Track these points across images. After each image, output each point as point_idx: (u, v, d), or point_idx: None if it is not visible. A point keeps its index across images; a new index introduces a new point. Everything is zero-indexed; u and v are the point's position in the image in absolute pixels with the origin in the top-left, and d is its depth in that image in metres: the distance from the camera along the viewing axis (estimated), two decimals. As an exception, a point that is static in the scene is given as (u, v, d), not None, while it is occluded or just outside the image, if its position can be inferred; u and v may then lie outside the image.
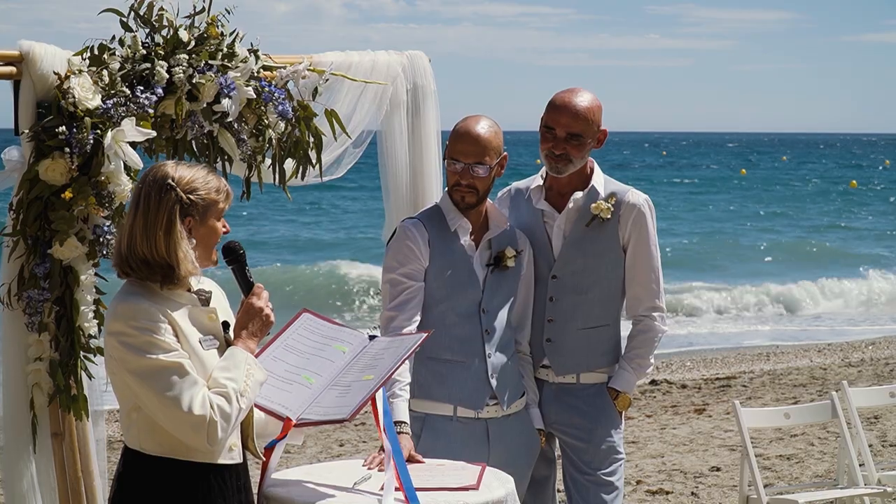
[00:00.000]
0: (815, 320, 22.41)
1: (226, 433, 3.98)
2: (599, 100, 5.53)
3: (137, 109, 5.13)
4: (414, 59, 6.09)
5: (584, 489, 5.58)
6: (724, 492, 9.62)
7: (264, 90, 5.44)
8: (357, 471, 4.63)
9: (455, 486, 4.43)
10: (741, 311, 23.23)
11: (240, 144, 5.44)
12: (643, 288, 5.63)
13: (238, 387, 4.00)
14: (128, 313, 3.96)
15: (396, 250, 5.34)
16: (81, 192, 5.06)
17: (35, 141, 5.08)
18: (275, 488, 4.41)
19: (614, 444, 5.62)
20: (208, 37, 5.35)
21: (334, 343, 4.53)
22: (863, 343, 18.38)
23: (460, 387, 5.34)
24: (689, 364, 16.70)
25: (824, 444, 11.24)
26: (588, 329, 5.60)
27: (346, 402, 4.27)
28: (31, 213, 5.09)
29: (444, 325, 5.32)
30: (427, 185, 6.09)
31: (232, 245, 4.25)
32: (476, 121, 5.32)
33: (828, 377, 14.99)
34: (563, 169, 5.49)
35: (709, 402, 13.56)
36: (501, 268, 5.43)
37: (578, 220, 5.57)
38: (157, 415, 3.96)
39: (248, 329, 4.17)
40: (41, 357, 5.21)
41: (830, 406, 7.73)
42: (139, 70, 5.19)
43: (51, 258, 5.12)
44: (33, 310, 5.14)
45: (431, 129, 6.12)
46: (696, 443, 11.45)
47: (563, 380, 5.62)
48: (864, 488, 7.55)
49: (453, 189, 5.34)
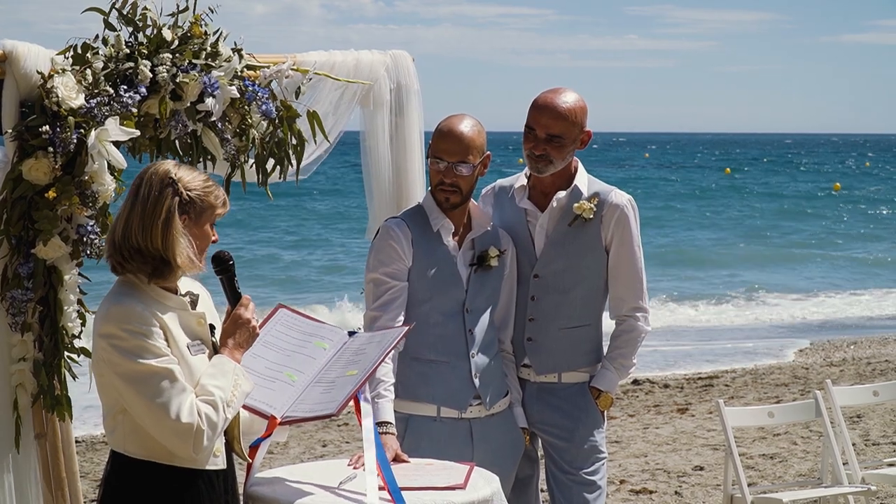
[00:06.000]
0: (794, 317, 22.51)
1: (211, 442, 3.98)
2: (585, 101, 5.52)
3: (121, 109, 5.11)
4: (397, 59, 6.08)
5: (566, 488, 5.59)
6: (708, 491, 9.63)
7: (248, 90, 5.43)
8: (342, 470, 4.63)
9: (442, 486, 4.43)
10: (723, 309, 23.31)
11: (223, 144, 5.44)
12: (626, 288, 5.64)
13: (225, 396, 3.99)
14: (120, 316, 3.94)
15: (379, 250, 5.34)
16: (65, 191, 5.05)
17: (18, 140, 5.07)
18: (259, 487, 4.40)
19: (596, 443, 5.62)
20: (192, 36, 5.34)
21: (314, 340, 4.53)
22: (844, 343, 18.42)
23: (444, 387, 5.34)
24: (671, 363, 16.73)
25: (807, 443, 11.27)
26: (569, 329, 5.61)
27: (332, 398, 4.27)
28: (14, 213, 5.08)
29: (427, 325, 5.32)
30: (410, 185, 6.08)
31: (222, 255, 4.24)
32: (459, 120, 5.32)
33: (810, 376, 15.02)
34: (543, 169, 5.49)
35: (691, 401, 13.58)
36: (485, 267, 5.43)
37: (561, 220, 5.57)
38: (144, 420, 3.94)
39: (234, 339, 4.16)
40: (25, 357, 5.19)
41: (814, 405, 7.74)
42: (123, 69, 5.18)
43: (34, 258, 5.10)
44: (17, 310, 5.12)
45: (415, 129, 6.12)
46: (680, 442, 11.47)
47: (544, 379, 5.62)
48: (848, 487, 7.56)
49: (437, 188, 5.33)
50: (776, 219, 45.24)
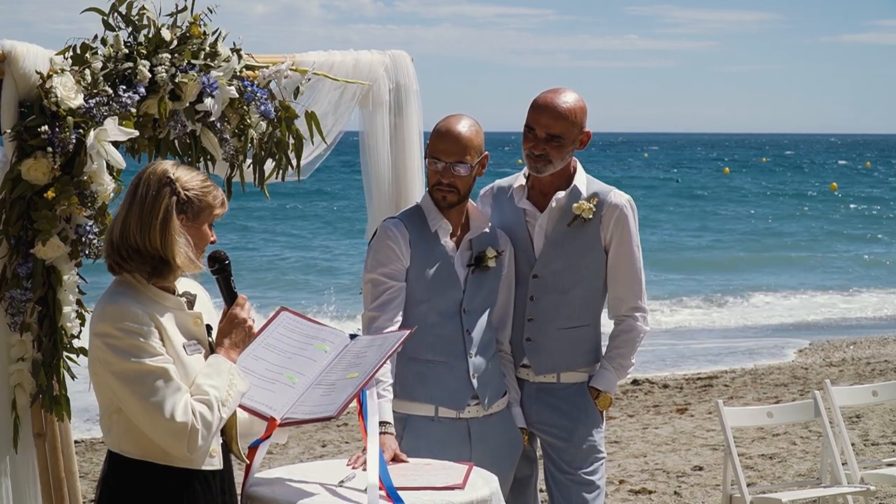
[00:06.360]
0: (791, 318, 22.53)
1: (206, 441, 3.97)
2: (584, 101, 5.52)
3: (120, 109, 5.11)
4: (396, 59, 6.07)
5: (565, 489, 5.59)
6: (707, 491, 9.63)
7: (247, 90, 5.43)
8: (341, 470, 4.62)
9: (441, 486, 4.43)
10: (722, 309, 23.32)
11: (222, 144, 5.43)
12: (625, 288, 5.64)
13: (220, 395, 3.99)
14: (115, 315, 3.94)
15: (378, 250, 5.34)
16: (64, 191, 5.04)
17: (17, 140, 5.07)
18: (258, 487, 4.40)
19: (595, 443, 5.62)
20: (191, 36, 5.33)
21: (316, 342, 4.52)
22: (844, 343, 18.41)
23: (442, 387, 5.33)
24: (670, 363, 16.73)
25: (806, 443, 11.27)
26: (568, 329, 5.60)
27: (332, 400, 4.27)
28: (13, 213, 5.08)
29: (425, 325, 5.31)
30: (409, 185, 6.07)
31: (218, 255, 4.24)
32: (457, 120, 5.32)
33: (809, 377, 15.02)
34: (542, 169, 5.49)
35: (691, 401, 13.58)
36: (482, 268, 5.43)
37: (560, 220, 5.57)
38: (139, 419, 3.94)
39: (230, 339, 4.16)
40: (24, 357, 5.19)
41: (813, 405, 7.74)
42: (122, 69, 5.18)
43: (33, 258, 5.10)
44: (16, 310, 5.12)
45: (414, 129, 6.11)
46: (679, 442, 11.47)
47: (542, 379, 5.62)
48: (847, 487, 7.56)
49: (434, 188, 5.33)
50: (775, 219, 45.30)
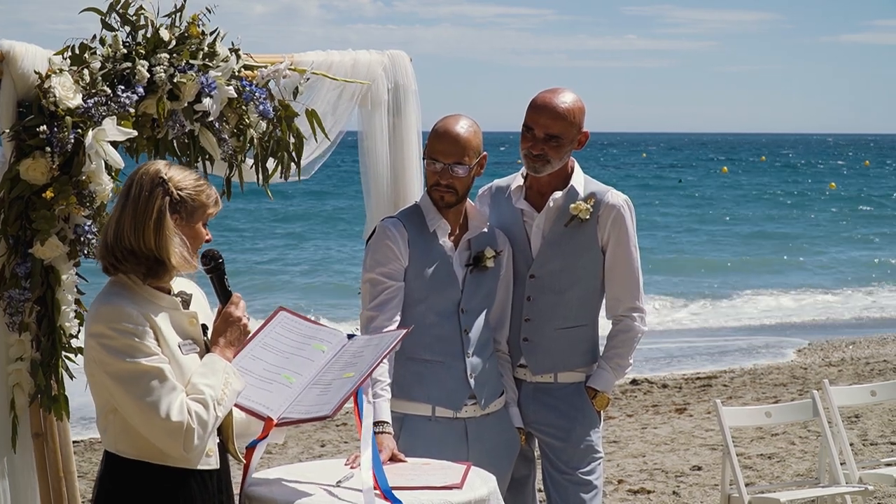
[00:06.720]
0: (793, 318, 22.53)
1: (202, 441, 3.97)
2: (583, 101, 5.52)
3: (118, 109, 5.11)
4: (395, 59, 6.08)
5: (562, 488, 5.59)
6: (706, 491, 9.64)
7: (245, 90, 5.43)
8: (340, 470, 4.63)
9: (439, 486, 4.43)
10: (721, 308, 23.33)
11: (221, 144, 5.43)
12: (623, 288, 5.63)
13: (216, 394, 3.99)
14: (110, 315, 3.94)
15: (376, 250, 5.34)
16: (62, 191, 5.04)
17: (16, 140, 5.07)
18: (257, 487, 4.40)
19: (592, 443, 5.62)
20: (189, 36, 5.33)
21: (313, 342, 4.52)
22: (843, 343, 18.42)
23: (439, 387, 5.33)
24: (669, 363, 16.73)
25: (805, 443, 11.27)
26: (565, 329, 5.60)
27: (328, 400, 4.27)
28: (12, 213, 5.08)
29: (423, 325, 5.31)
30: (408, 185, 6.08)
31: (212, 253, 4.24)
32: (456, 120, 5.32)
33: (808, 376, 15.02)
34: (540, 169, 5.49)
35: (689, 401, 13.58)
36: (480, 268, 5.43)
37: (557, 220, 5.57)
38: (134, 419, 3.95)
39: (225, 337, 4.16)
40: (22, 357, 5.19)
41: (812, 405, 7.75)
42: (120, 69, 5.18)
43: (32, 258, 5.10)
44: (14, 310, 5.12)
45: (413, 129, 6.11)
46: (678, 442, 11.47)
47: (540, 379, 5.62)
48: (846, 487, 7.57)
49: (432, 188, 5.33)
50: (774, 218, 45.29)
